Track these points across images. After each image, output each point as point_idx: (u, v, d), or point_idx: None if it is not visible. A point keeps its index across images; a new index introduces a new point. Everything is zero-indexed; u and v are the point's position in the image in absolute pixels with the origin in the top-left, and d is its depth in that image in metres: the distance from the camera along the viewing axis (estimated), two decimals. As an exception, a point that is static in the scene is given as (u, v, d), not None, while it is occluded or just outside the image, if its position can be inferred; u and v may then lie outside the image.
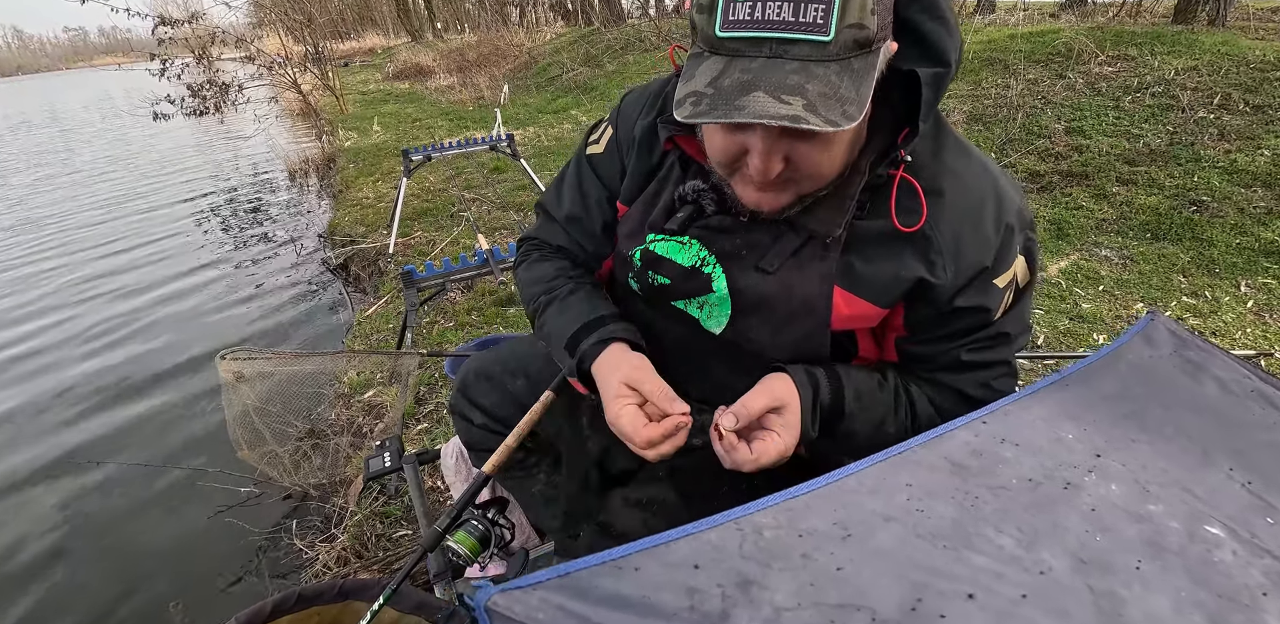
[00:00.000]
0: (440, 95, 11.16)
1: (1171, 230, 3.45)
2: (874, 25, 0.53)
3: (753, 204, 0.69)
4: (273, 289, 4.21)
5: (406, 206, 4.21)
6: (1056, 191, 3.99)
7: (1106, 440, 0.36)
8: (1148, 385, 0.42)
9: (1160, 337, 0.49)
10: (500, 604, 0.23)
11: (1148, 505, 0.32)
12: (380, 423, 2.10)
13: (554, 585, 0.24)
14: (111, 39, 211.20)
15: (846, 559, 0.26)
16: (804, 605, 0.24)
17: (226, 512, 2.09)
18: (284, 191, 7.09)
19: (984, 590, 0.26)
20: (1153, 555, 0.29)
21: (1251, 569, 0.30)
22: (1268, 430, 0.39)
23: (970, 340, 0.72)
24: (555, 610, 0.23)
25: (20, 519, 2.27)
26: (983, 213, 0.68)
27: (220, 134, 10.90)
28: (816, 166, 0.63)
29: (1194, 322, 2.66)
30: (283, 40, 11.29)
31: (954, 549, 0.28)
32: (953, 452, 0.34)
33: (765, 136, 0.59)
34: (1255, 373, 0.45)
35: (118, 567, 2.00)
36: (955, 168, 0.69)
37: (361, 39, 27.65)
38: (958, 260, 0.67)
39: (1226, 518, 0.32)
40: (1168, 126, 4.27)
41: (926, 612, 0.24)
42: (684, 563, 0.25)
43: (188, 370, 3.22)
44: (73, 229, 6.15)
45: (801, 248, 0.71)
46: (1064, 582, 0.27)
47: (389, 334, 2.99)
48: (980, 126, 4.83)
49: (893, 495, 0.30)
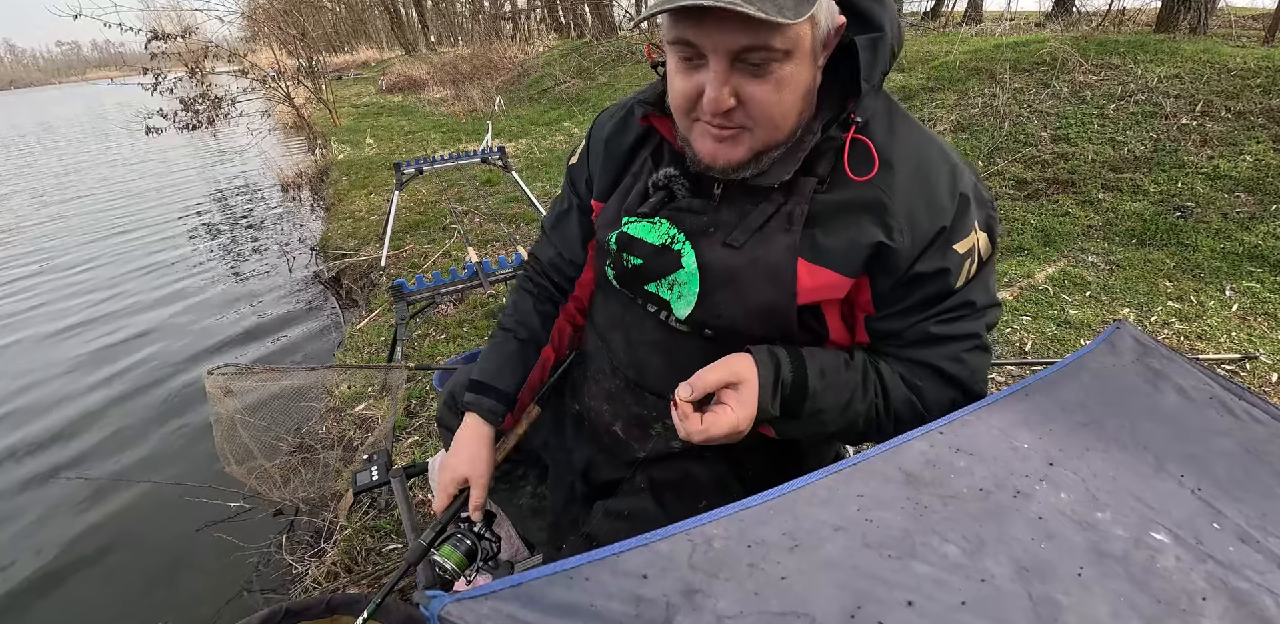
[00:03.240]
0: (433, 107, 11.21)
1: (1156, 236, 3.49)
2: None
3: (709, 156, 0.71)
4: (265, 303, 4.20)
5: (399, 219, 4.23)
6: (1043, 199, 4.03)
7: (1061, 449, 0.37)
8: (1108, 394, 0.43)
9: (1124, 344, 0.50)
10: (453, 613, 0.24)
11: (1095, 513, 0.33)
12: (370, 436, 2.10)
13: (506, 595, 0.25)
14: (105, 53, 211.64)
15: (793, 568, 0.27)
16: (746, 613, 0.25)
17: (215, 527, 2.07)
18: (277, 205, 7.09)
19: (924, 598, 0.27)
20: (1095, 562, 0.30)
21: (1193, 574, 0.31)
22: (1222, 437, 0.40)
23: (936, 311, 0.72)
24: (505, 619, 0.23)
25: (6, 535, 2.24)
26: (936, 180, 0.71)
27: (213, 148, 10.91)
28: (765, 107, 0.66)
29: (1180, 326, 2.69)
30: (276, 54, 11.33)
31: (899, 558, 0.28)
32: (907, 462, 0.34)
33: (718, 70, 0.64)
34: (1216, 380, 0.46)
35: (106, 583, 1.99)
36: (907, 139, 0.72)
37: (355, 52, 27.80)
38: (914, 226, 0.69)
39: (1173, 524, 0.33)
40: (1151, 133, 4.33)
41: (865, 618, 0.25)
42: (634, 572, 0.26)
43: (176, 384, 3.20)
44: (64, 246, 6.13)
45: (766, 223, 0.73)
46: (1004, 589, 0.28)
47: (380, 347, 2.98)
48: (968, 135, 4.89)
49: (844, 506, 0.30)
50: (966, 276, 0.71)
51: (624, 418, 0.91)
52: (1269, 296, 2.85)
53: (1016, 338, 2.64)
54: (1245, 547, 0.33)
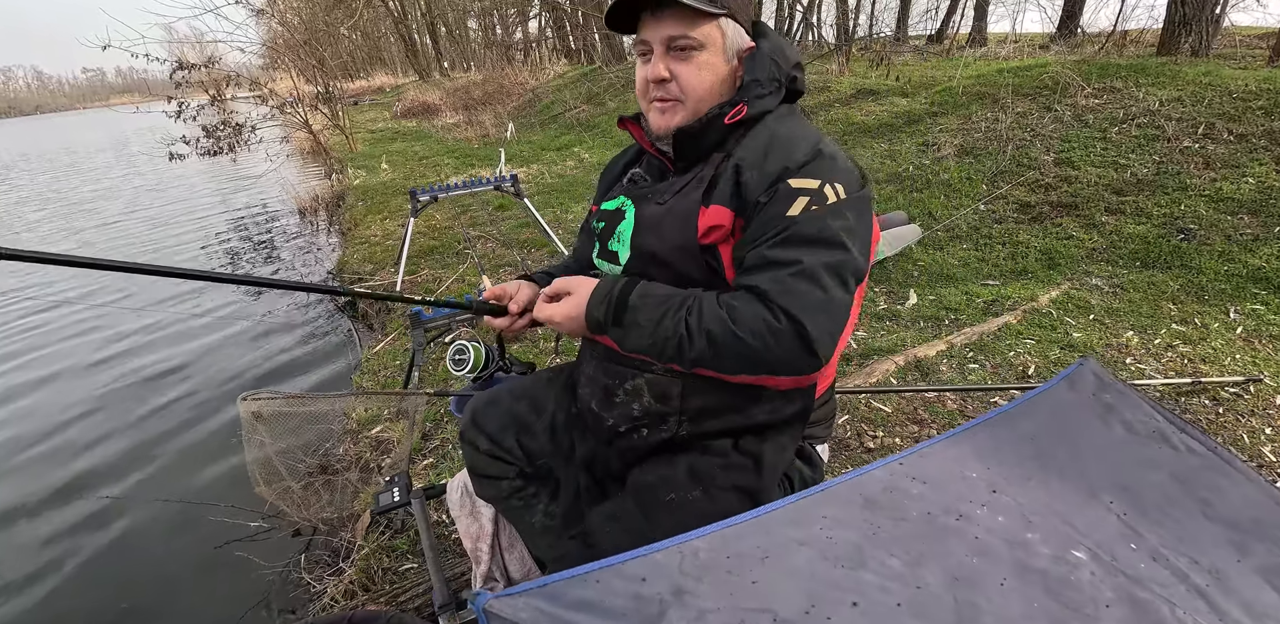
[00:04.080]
0: (446, 133, 11.47)
1: (1160, 258, 3.52)
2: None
3: (656, 125, 0.99)
4: (282, 326, 4.31)
5: (413, 244, 4.34)
6: (1047, 222, 4.07)
7: (1005, 479, 0.42)
8: (1058, 428, 0.48)
9: (1084, 381, 0.55)
10: (495, 607, 0.30)
11: (1026, 533, 0.38)
12: (387, 458, 2.15)
13: (536, 593, 0.31)
14: (129, 79, 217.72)
15: (762, 575, 0.33)
16: (723, 609, 0.31)
17: (236, 545, 2.14)
18: (294, 229, 7.27)
19: (867, 600, 0.32)
20: (1018, 574, 0.35)
21: (1103, 586, 0.36)
22: (1156, 467, 0.45)
23: (768, 236, 0.86)
24: (535, 611, 0.29)
25: (36, 549, 2.32)
26: (795, 143, 0.91)
27: (233, 174, 11.20)
28: (688, 79, 0.94)
29: (1184, 349, 2.70)
30: (295, 81, 11.69)
31: (850, 568, 0.34)
32: (868, 488, 0.40)
33: (658, 52, 0.94)
34: (1163, 414, 0.51)
35: (129, 598, 2.05)
36: (788, 125, 0.95)
37: (371, 78, 28.51)
38: (763, 167, 0.89)
39: (1094, 544, 0.38)
40: (1154, 156, 4.37)
41: (818, 615, 0.31)
42: (635, 576, 0.32)
43: (197, 406, 3.29)
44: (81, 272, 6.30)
45: (685, 186, 0.97)
46: (935, 594, 0.33)
47: (395, 371, 3.06)
48: (971, 159, 4.96)
49: (810, 525, 0.36)
50: (801, 209, 0.85)
51: (598, 395, 1.07)
52: (1274, 319, 2.86)
53: (1020, 362, 2.66)
54: (1155, 564, 0.38)
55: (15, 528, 2.48)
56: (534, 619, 0.29)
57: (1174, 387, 2.44)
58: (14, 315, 5.12)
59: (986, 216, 4.26)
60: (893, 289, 3.58)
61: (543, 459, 1.16)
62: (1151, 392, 2.44)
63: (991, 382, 2.56)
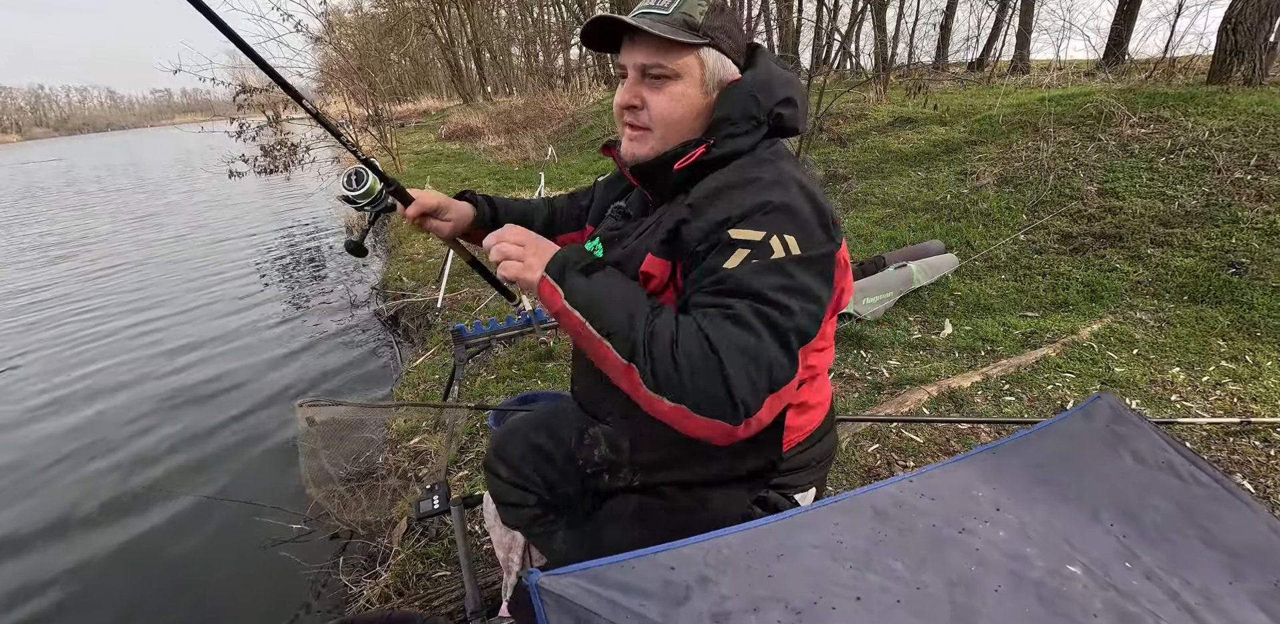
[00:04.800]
0: (488, 155, 11.83)
1: (1210, 293, 3.42)
2: (700, 21, 0.87)
3: (626, 153, 0.95)
4: (328, 338, 4.49)
5: (455, 263, 4.49)
6: (1089, 253, 3.99)
7: (1010, 499, 0.45)
8: (1067, 456, 0.50)
9: (1100, 413, 0.57)
10: (545, 583, 0.35)
11: (1025, 548, 0.41)
12: (424, 468, 2.23)
13: (580, 575, 0.36)
14: (193, 99, 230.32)
15: (777, 570, 0.37)
16: (740, 596, 0.35)
17: (279, 546, 2.23)
18: (341, 246, 7.56)
19: (869, 596, 0.36)
20: (1013, 584, 0.38)
21: (1093, 599, 0.38)
22: (1161, 496, 0.47)
23: (704, 286, 0.79)
24: (579, 588, 0.34)
25: (90, 543, 2.46)
26: (744, 192, 0.84)
27: (287, 192, 11.74)
28: (659, 108, 0.90)
29: (1233, 387, 2.62)
30: (347, 104, 12.24)
31: (857, 569, 0.38)
32: (878, 501, 0.44)
33: (632, 78, 0.91)
34: (1174, 446, 0.53)
35: (177, 592, 2.17)
36: (750, 172, 0.88)
37: (418, 101, 29.60)
38: (708, 217, 0.83)
39: (1090, 561, 0.41)
40: (1203, 188, 4.26)
41: (824, 606, 0.35)
42: (665, 565, 0.37)
43: (249, 412, 3.44)
44: (147, 285, 6.67)
45: (645, 230, 0.94)
46: (934, 595, 0.37)
47: (434, 384, 3.15)
48: (1010, 189, 4.92)
49: (823, 530, 0.40)
50: (740, 262, 0.78)
51: (574, 436, 1.10)
52: (1331, 358, 2.76)
53: (1058, 395, 2.61)
54: (1149, 582, 0.40)
55: (75, 525, 2.63)
56: (578, 594, 0.34)
57: (1221, 426, 2.36)
58: (88, 326, 5.43)
59: (1026, 247, 4.20)
60: (927, 319, 3.55)
61: (562, 489, 1.17)
62: (1198, 431, 2.37)
63: (1028, 415, 2.52)
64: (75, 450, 3.22)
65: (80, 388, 4.01)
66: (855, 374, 2.93)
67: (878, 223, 4.97)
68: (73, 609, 2.15)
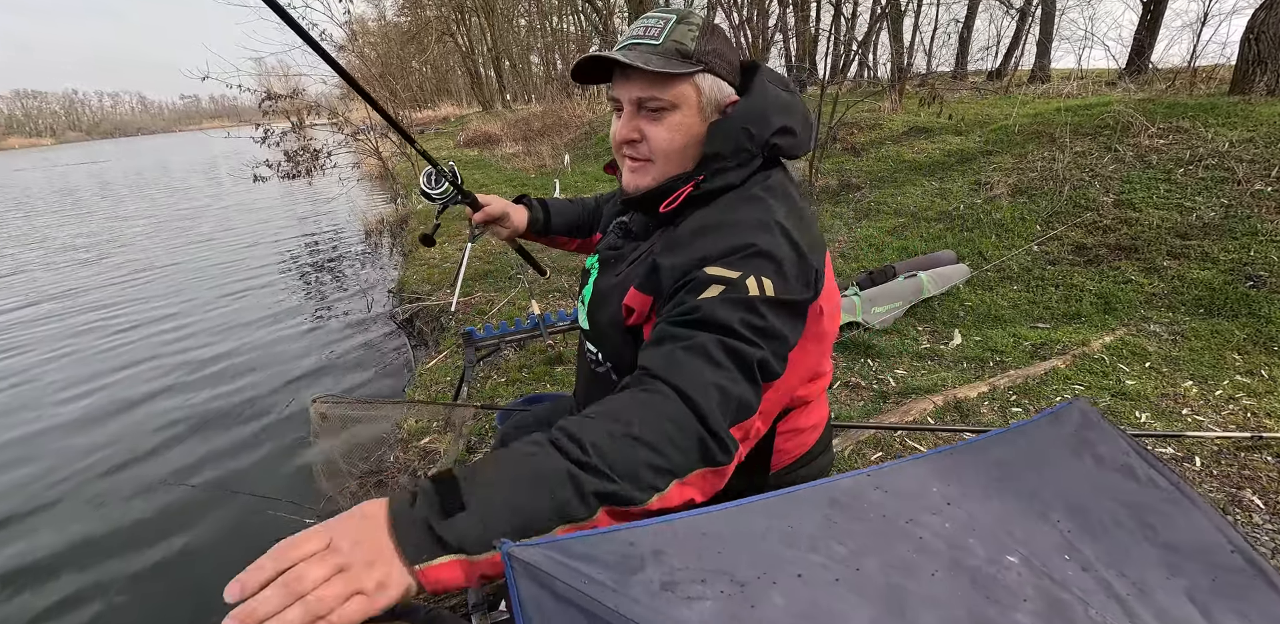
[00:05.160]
0: (506, 162, 11.98)
1: (1226, 306, 3.38)
2: (693, 47, 0.85)
3: (627, 184, 0.94)
4: (346, 339, 4.58)
5: (469, 268, 4.57)
6: (1104, 265, 3.97)
7: (963, 494, 0.48)
8: (1028, 456, 0.53)
9: (1070, 418, 0.60)
10: (516, 551, 0.39)
11: (968, 539, 0.43)
12: (434, 467, 2.29)
13: (548, 546, 0.40)
14: (220, 105, 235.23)
15: (728, 548, 0.40)
16: (690, 568, 0.38)
17: None
18: (361, 250, 7.70)
19: (810, 574, 0.39)
20: (950, 568, 0.41)
21: (1026, 585, 0.41)
22: (1114, 496, 0.49)
23: (673, 315, 0.76)
24: (545, 557, 0.38)
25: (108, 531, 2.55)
26: (733, 231, 0.82)
27: (309, 196, 11.97)
28: (658, 139, 0.88)
29: (1247, 402, 2.59)
30: (368, 111, 12.47)
31: (803, 550, 0.41)
32: (833, 491, 0.46)
33: (629, 112, 0.89)
34: (1137, 450, 0.56)
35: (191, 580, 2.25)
36: (736, 208, 0.86)
37: (438, 108, 30.02)
38: (687, 255, 0.81)
39: (1030, 553, 0.43)
40: (1222, 199, 4.22)
41: (766, 580, 0.38)
42: (624, 541, 0.41)
43: (268, 409, 3.54)
44: (177, 285, 6.85)
45: (638, 258, 0.92)
46: (870, 576, 0.40)
47: (446, 386, 3.21)
48: (1025, 199, 4.90)
49: (774, 516, 0.43)
50: (712, 295, 0.75)
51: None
52: (1349, 374, 2.72)
53: (1067, 405, 2.61)
54: (1084, 574, 0.42)
55: (94, 516, 2.71)
56: (543, 562, 0.38)
57: (1233, 441, 2.34)
58: (118, 328, 5.59)
59: (1040, 258, 4.18)
60: (937, 328, 3.55)
61: None
62: (1209, 445, 2.35)
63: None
64: (99, 442, 3.33)
65: (108, 380, 4.13)
66: (861, 383, 2.95)
67: (890, 232, 4.97)
68: (88, 594, 2.24)
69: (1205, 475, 2.20)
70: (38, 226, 11.90)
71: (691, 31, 0.86)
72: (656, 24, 0.87)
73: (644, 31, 0.87)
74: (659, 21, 0.87)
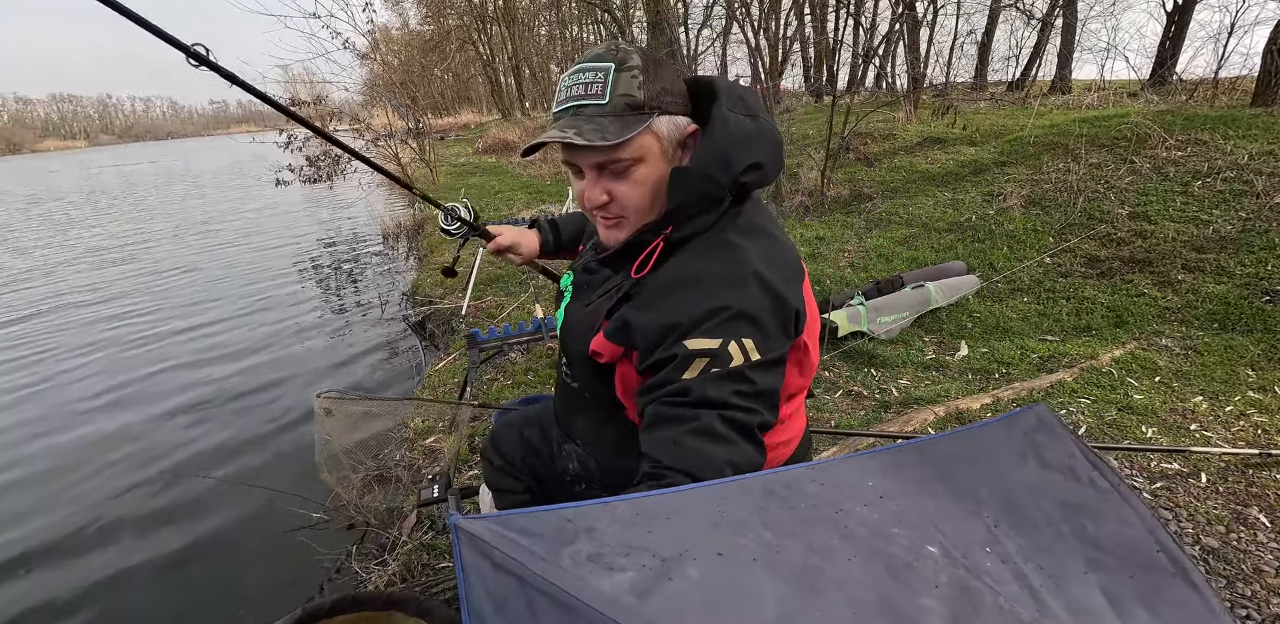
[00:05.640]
0: (522, 169, 12.11)
1: (1241, 320, 3.33)
2: (642, 96, 0.80)
3: (605, 239, 0.92)
4: (359, 341, 4.68)
5: (481, 273, 4.64)
6: (1117, 278, 3.93)
7: (899, 490, 0.49)
8: (973, 456, 0.54)
9: (1025, 422, 0.61)
10: (461, 523, 0.43)
11: (893, 529, 0.45)
12: (437, 466, 2.34)
13: (492, 520, 0.43)
14: (247, 111, 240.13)
15: (657, 528, 0.43)
16: (617, 544, 0.42)
17: (298, 532, 2.38)
18: (377, 253, 7.84)
19: (730, 553, 0.42)
20: (868, 555, 0.43)
21: (941, 573, 0.43)
22: (1046, 495, 0.50)
23: (661, 394, 0.76)
24: (487, 529, 0.42)
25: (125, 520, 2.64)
26: (706, 289, 0.79)
27: (329, 201, 12.20)
28: (628, 198, 0.85)
29: (1259, 419, 2.56)
30: (389, 117, 12.70)
31: (728, 533, 0.43)
32: (770, 482, 0.49)
33: (590, 177, 0.85)
34: (1085, 455, 0.57)
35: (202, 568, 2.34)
36: (706, 259, 0.83)
37: (458, 115, 30.43)
38: (659, 316, 0.79)
39: (951, 544, 0.45)
40: (1240, 213, 4.17)
41: (687, 557, 0.41)
42: (563, 517, 0.44)
43: (281, 407, 3.62)
44: (204, 283, 7.02)
45: (606, 292, 0.92)
46: (788, 558, 0.42)
47: (454, 387, 3.27)
48: (1038, 210, 4.87)
49: (711, 501, 0.45)
50: (699, 372, 0.75)
51: (554, 443, 1.14)
52: (1365, 392, 2.67)
53: (1071, 420, 2.58)
54: (1001, 565, 0.44)
55: (107, 505, 2.80)
56: (486, 533, 0.41)
57: (1241, 458, 2.31)
58: (141, 330, 5.74)
59: (1051, 270, 4.15)
60: (944, 339, 3.54)
61: (546, 480, 1.27)
62: (1215, 461, 2.32)
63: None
64: (118, 434, 3.43)
65: (129, 375, 4.25)
66: (864, 392, 2.95)
67: (900, 242, 4.96)
68: (98, 581, 2.32)
69: (1211, 492, 2.17)
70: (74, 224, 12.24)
71: (635, 78, 0.80)
72: (596, 78, 0.80)
73: (585, 90, 0.81)
74: (597, 74, 0.80)
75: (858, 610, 0.39)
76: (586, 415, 1.05)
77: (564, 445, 1.10)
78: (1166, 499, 2.11)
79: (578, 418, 1.07)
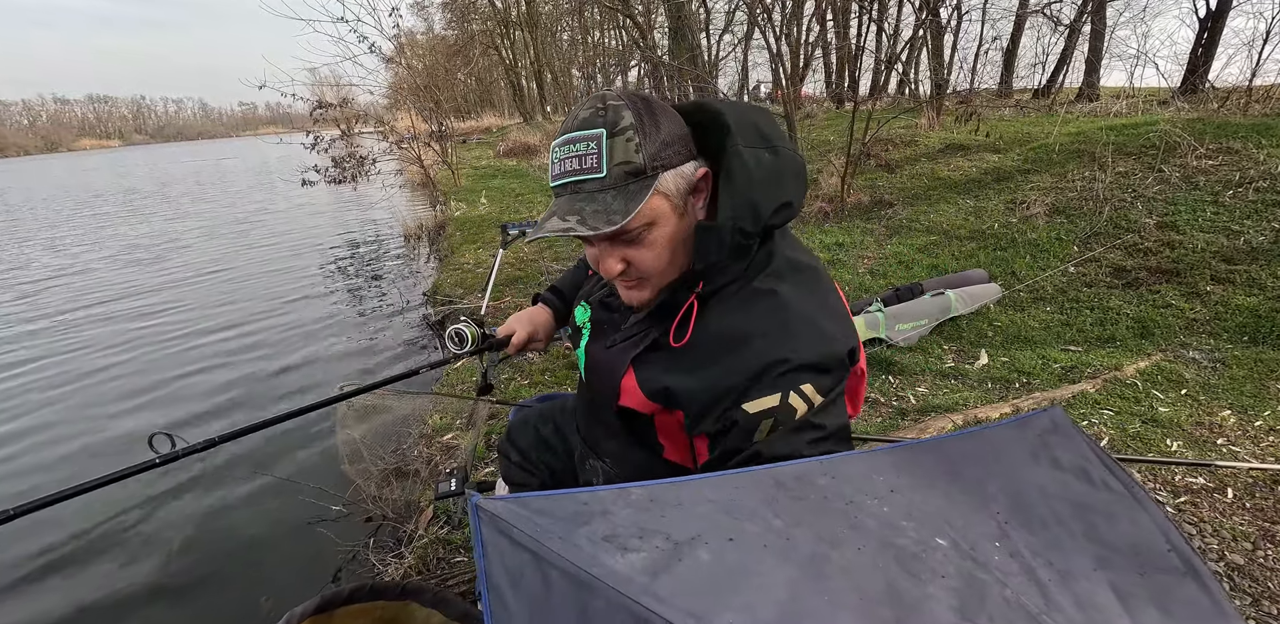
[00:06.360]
0: (542, 173, 12.21)
1: (1273, 333, 3.26)
2: (642, 160, 0.73)
3: (627, 300, 0.88)
4: (382, 339, 4.75)
5: (501, 273, 4.70)
6: (1143, 288, 3.86)
7: (909, 484, 0.50)
8: (985, 455, 0.55)
9: (1040, 424, 0.61)
10: (483, 503, 0.44)
11: (902, 522, 0.46)
12: (454, 462, 2.38)
13: (511, 501, 0.45)
14: (275, 112, 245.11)
15: (671, 513, 0.44)
16: (632, 526, 0.43)
17: (318, 524, 2.42)
18: (399, 253, 7.95)
19: (741, 539, 0.43)
20: (877, 545, 0.43)
21: (949, 565, 0.43)
22: (1059, 496, 0.50)
23: (736, 462, 0.73)
24: (507, 509, 0.43)
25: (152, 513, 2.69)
26: (748, 347, 0.75)
27: (354, 201, 12.40)
28: (646, 262, 0.80)
29: (1288, 433, 2.50)
30: (413, 120, 12.89)
31: (740, 519, 0.44)
32: (780, 474, 0.50)
33: (602, 247, 0.81)
34: (1100, 457, 0.57)
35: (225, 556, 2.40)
36: (747, 306, 0.79)
37: (480, 118, 30.75)
38: (707, 381, 0.75)
39: (960, 538, 0.45)
40: (1273, 223, 4.08)
41: (699, 541, 0.42)
42: (579, 500, 0.45)
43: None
44: (236, 278, 7.19)
45: (632, 337, 0.88)
46: (799, 545, 0.43)
47: (471, 385, 3.31)
48: (1063, 219, 4.81)
49: (724, 490, 0.47)
50: (768, 431, 0.72)
51: (577, 452, 1.14)
52: (1401, 408, 2.59)
53: (1093, 431, 2.54)
54: (1010, 560, 0.44)
55: (138, 496, 2.87)
56: (505, 512, 0.43)
57: (1270, 473, 2.26)
58: (168, 331, 5.89)
59: (1076, 279, 4.09)
60: (963, 347, 3.50)
61: (561, 476, 1.29)
62: (1243, 477, 2.27)
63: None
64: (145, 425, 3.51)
65: (158, 372, 4.36)
66: (881, 399, 2.93)
67: (921, 250, 4.92)
68: (130, 567, 2.38)
69: (1238, 507, 2.12)
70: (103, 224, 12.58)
71: (630, 142, 0.73)
72: (589, 149, 0.73)
73: (580, 164, 0.74)
74: (589, 145, 0.73)
75: (865, 596, 0.40)
76: (616, 438, 1.00)
77: (589, 460, 1.07)
78: (1190, 514, 2.07)
79: (605, 438, 1.03)
